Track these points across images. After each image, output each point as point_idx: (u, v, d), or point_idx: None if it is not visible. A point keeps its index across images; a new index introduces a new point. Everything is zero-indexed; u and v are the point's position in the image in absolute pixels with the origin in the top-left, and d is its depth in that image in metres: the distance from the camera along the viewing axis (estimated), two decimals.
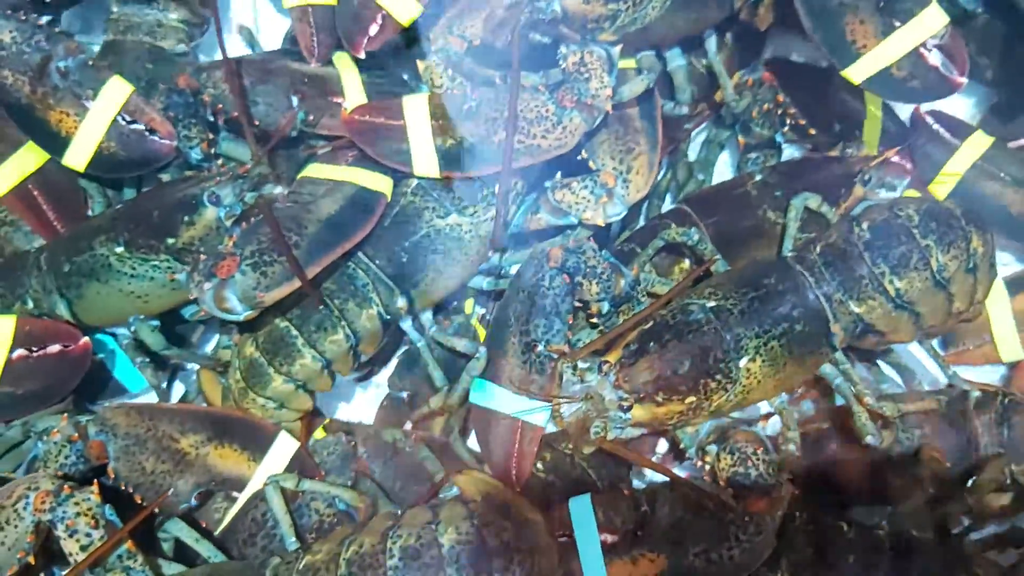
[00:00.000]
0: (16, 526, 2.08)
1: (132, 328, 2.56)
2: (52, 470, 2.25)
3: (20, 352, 2.41)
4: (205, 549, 2.26)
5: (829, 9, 2.43)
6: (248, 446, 2.36)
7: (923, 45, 2.41)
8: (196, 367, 2.71)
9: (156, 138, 2.53)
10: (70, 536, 2.06)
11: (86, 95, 2.50)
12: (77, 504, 2.08)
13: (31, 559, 2.09)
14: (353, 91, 2.65)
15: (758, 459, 2.17)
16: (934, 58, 2.43)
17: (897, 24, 2.41)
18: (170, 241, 2.45)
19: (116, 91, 2.51)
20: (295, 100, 2.63)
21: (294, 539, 2.23)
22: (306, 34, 2.65)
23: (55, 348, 2.43)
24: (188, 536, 2.27)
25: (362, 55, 2.58)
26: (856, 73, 2.44)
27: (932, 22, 2.41)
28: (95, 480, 2.17)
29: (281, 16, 3.10)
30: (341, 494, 2.30)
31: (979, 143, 2.70)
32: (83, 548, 2.06)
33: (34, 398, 2.44)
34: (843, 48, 2.43)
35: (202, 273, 2.29)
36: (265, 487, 2.27)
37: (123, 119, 2.51)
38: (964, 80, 2.44)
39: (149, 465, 2.29)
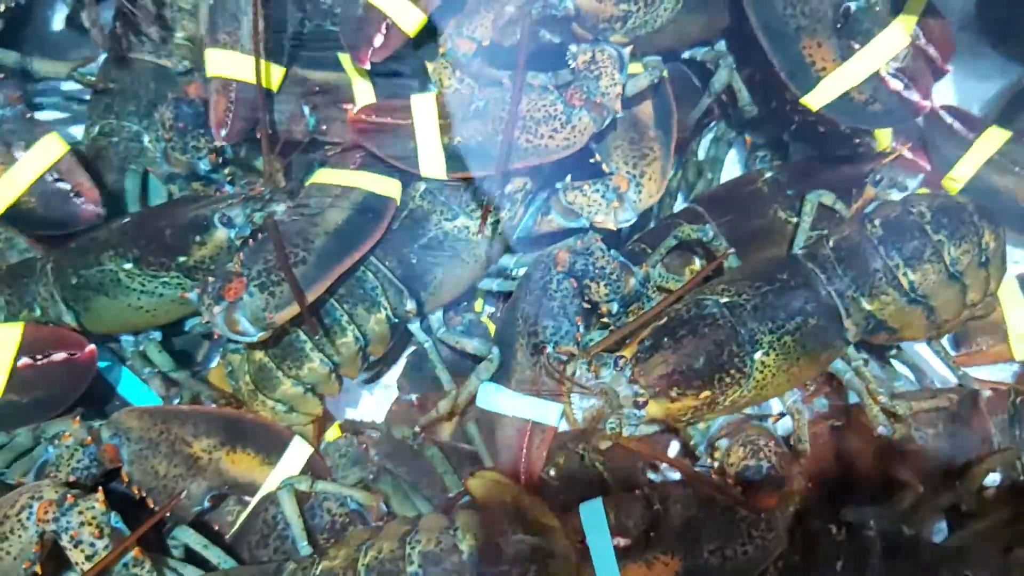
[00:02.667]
0: (20, 536, 2.06)
1: (140, 347, 2.56)
2: (64, 475, 2.23)
3: (26, 359, 2.39)
4: (214, 556, 2.25)
5: (786, 32, 2.37)
6: (261, 450, 2.35)
7: (885, 68, 2.35)
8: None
9: (80, 202, 2.52)
10: (75, 547, 2.04)
11: (18, 145, 2.49)
12: (81, 513, 2.05)
13: (37, 569, 2.07)
14: (364, 98, 2.64)
15: (769, 453, 2.17)
16: (895, 82, 2.37)
17: (856, 46, 2.35)
18: (181, 259, 2.44)
19: (51, 147, 2.50)
20: (307, 110, 2.62)
21: (306, 543, 2.21)
22: (220, 107, 2.54)
23: (61, 355, 2.41)
24: (196, 543, 2.26)
25: (367, 66, 2.55)
26: (816, 99, 2.38)
27: (893, 43, 2.35)
28: (99, 487, 2.14)
29: None
30: (353, 494, 2.30)
31: (994, 138, 2.67)
32: (88, 558, 2.04)
33: (40, 405, 2.42)
34: (802, 72, 2.37)
35: (211, 296, 2.28)
36: (279, 491, 2.25)
37: (51, 176, 2.50)
38: (928, 103, 2.38)
39: (162, 469, 2.28)
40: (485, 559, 1.98)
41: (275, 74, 2.59)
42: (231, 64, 2.54)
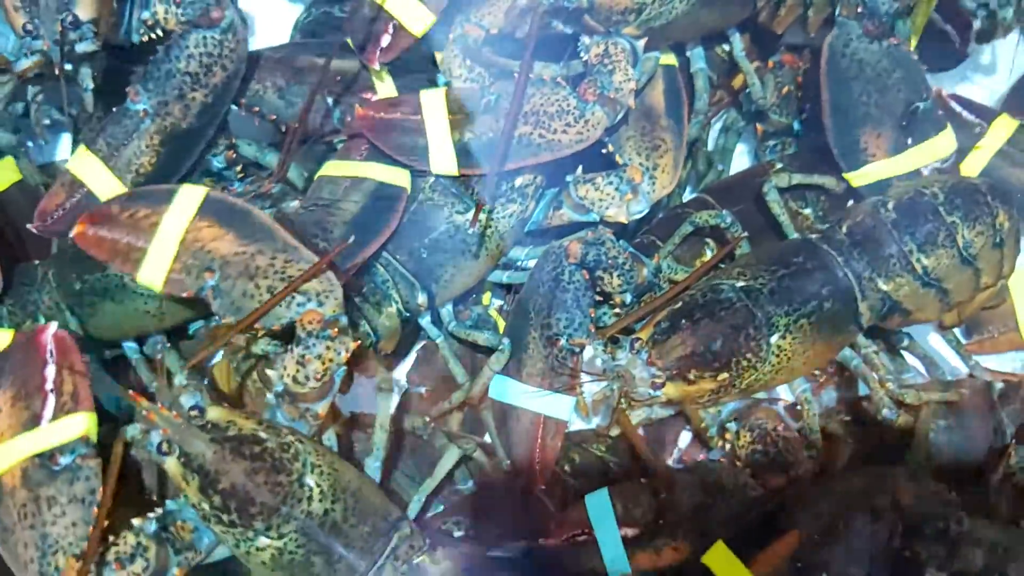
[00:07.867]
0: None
1: (158, 355, 2.49)
2: None
3: None
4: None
5: (854, 114, 2.47)
6: None
7: (926, 167, 2.45)
8: None
9: None
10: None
11: None
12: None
13: None
14: (384, 87, 2.61)
15: (778, 436, 2.19)
16: None
17: (909, 143, 2.45)
18: None
19: None
20: (330, 101, 2.59)
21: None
22: (54, 201, 2.39)
23: None
24: None
25: (376, 66, 2.53)
26: (857, 178, 2.49)
27: (942, 148, 2.46)
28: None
29: (288, 4, 3.03)
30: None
31: (1005, 127, 2.66)
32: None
33: None
34: (852, 154, 2.48)
35: None
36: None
37: None
38: None
39: None
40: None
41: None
42: (93, 173, 2.40)
